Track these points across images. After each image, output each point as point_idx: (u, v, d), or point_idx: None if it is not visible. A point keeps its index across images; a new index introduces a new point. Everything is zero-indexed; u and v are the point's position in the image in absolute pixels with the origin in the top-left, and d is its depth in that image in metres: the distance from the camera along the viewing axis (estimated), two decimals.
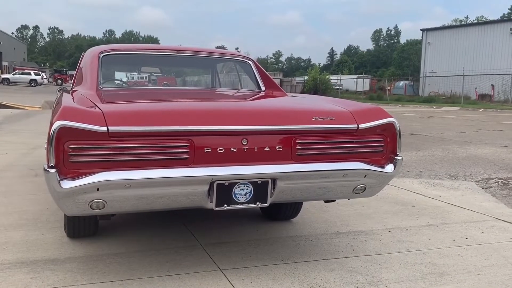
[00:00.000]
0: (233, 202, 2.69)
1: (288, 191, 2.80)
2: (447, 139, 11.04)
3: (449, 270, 3.17)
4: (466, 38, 39.74)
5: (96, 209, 2.50)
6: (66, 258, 3.20)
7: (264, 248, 3.49)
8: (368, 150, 2.94)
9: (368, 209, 4.64)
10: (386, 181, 3.04)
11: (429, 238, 3.83)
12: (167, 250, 3.39)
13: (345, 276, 3.03)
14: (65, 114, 2.41)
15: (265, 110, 3.02)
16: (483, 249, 3.60)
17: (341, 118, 2.89)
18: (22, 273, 2.93)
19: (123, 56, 4.02)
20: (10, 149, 7.84)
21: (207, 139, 2.59)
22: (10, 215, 4.14)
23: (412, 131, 12.78)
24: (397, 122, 3.05)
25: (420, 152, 8.87)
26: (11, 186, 5.23)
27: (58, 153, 2.35)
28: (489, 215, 4.57)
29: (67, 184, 2.35)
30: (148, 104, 3.05)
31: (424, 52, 43.89)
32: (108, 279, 2.87)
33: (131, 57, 4.09)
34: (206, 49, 4.48)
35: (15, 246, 3.40)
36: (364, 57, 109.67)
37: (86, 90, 3.39)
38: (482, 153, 8.81)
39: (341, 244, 3.64)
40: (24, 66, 65.03)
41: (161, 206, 2.66)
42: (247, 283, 2.88)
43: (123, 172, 2.42)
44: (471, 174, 6.74)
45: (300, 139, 2.77)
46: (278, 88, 4.08)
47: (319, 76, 42.58)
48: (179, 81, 5.87)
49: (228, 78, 4.76)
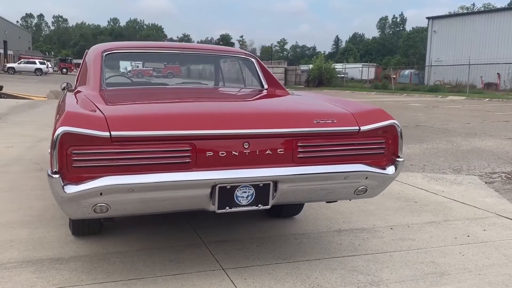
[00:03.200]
0: (235, 204, 2.72)
1: (289, 193, 2.83)
2: (452, 131, 11.01)
3: (450, 270, 3.20)
4: (472, 26, 39.40)
5: (100, 213, 2.53)
6: (71, 257, 3.24)
7: (267, 247, 3.52)
8: (370, 152, 2.95)
9: (371, 205, 4.66)
10: (388, 182, 3.05)
11: (431, 236, 3.85)
12: (170, 248, 3.43)
13: (346, 276, 3.06)
14: (68, 120, 2.43)
15: (267, 113, 3.03)
16: (485, 248, 3.62)
17: (343, 120, 2.90)
18: (28, 272, 2.98)
19: (126, 55, 4.03)
20: (15, 142, 7.90)
21: (209, 143, 2.61)
22: (16, 211, 4.19)
23: (416, 123, 12.75)
24: (399, 123, 3.05)
25: (424, 144, 8.86)
26: (16, 181, 5.28)
27: (61, 158, 2.37)
28: (491, 211, 4.59)
29: (71, 189, 2.38)
30: (150, 107, 3.06)
31: (429, 40, 43.56)
32: (112, 279, 2.92)
33: (134, 55, 4.10)
34: (209, 47, 4.49)
35: (21, 244, 3.45)
36: (370, 45, 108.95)
37: (89, 90, 3.41)
38: (486, 146, 8.80)
39: (343, 242, 3.67)
40: (29, 55, 65.03)
41: (163, 209, 2.70)
42: (249, 283, 2.92)
43: (126, 177, 2.45)
44: (474, 168, 6.74)
45: (302, 142, 2.78)
46: (280, 87, 4.09)
47: (324, 65, 42.35)
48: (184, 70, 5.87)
49: (231, 75, 4.77)
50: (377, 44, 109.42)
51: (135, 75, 5.77)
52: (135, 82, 4.44)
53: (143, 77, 6.18)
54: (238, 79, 4.52)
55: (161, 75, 6.11)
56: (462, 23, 40.67)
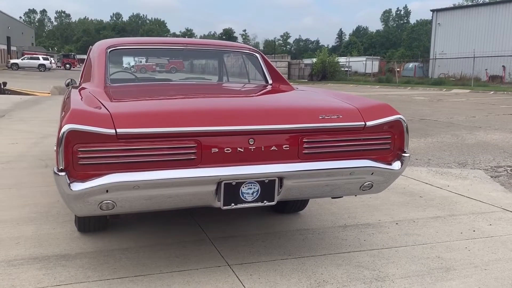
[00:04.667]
0: (240, 201, 2.72)
1: (295, 189, 2.82)
2: (457, 124, 10.97)
3: (456, 265, 3.19)
4: (477, 19, 39.13)
5: (106, 210, 2.54)
6: (77, 253, 3.25)
7: (272, 242, 3.52)
8: (375, 147, 2.94)
9: (376, 200, 4.65)
10: (393, 178, 3.04)
11: (436, 231, 3.84)
12: (176, 244, 3.44)
13: (352, 271, 3.06)
14: (74, 117, 2.43)
15: (272, 109, 3.02)
16: (491, 242, 3.61)
17: (348, 116, 2.89)
18: (34, 269, 2.99)
19: (130, 51, 4.03)
20: (20, 139, 7.92)
21: (214, 139, 2.61)
22: (22, 208, 4.21)
23: (421, 116, 12.71)
24: (405, 118, 3.04)
25: (429, 138, 8.83)
26: (22, 178, 5.30)
27: (67, 156, 2.38)
28: (497, 205, 4.57)
29: (77, 187, 2.38)
30: (155, 104, 3.06)
31: (434, 33, 43.30)
32: (118, 275, 2.93)
33: (138, 51, 4.09)
34: (213, 42, 4.47)
35: (27, 241, 3.46)
36: (373, 38, 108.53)
37: (93, 87, 3.41)
38: (491, 139, 8.76)
39: (348, 237, 3.67)
40: (32, 51, 65.16)
41: (169, 205, 2.70)
42: (255, 279, 2.92)
43: (131, 174, 2.45)
44: (480, 162, 6.71)
45: (307, 138, 2.77)
46: (285, 82, 4.07)
47: (327, 59, 42.23)
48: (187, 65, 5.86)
49: (235, 71, 4.75)
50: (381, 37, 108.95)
51: (138, 70, 5.78)
52: (139, 78, 4.43)
53: (146, 72, 6.18)
54: (242, 74, 4.51)
55: (165, 70, 6.10)
56: (467, 15, 40.39)
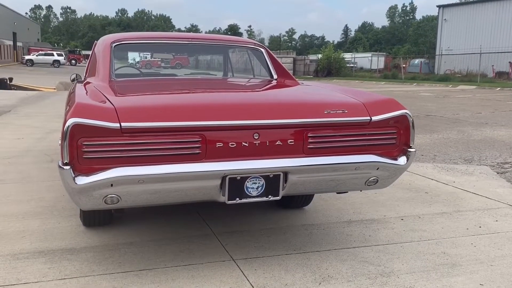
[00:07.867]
0: (245, 195, 2.71)
1: (300, 184, 2.81)
2: (463, 120, 10.91)
3: (461, 261, 3.17)
4: (483, 14, 38.80)
5: (111, 204, 2.54)
6: (82, 247, 3.26)
7: (277, 237, 3.52)
8: (381, 142, 2.92)
9: (381, 196, 4.63)
10: (399, 173, 3.03)
11: (442, 227, 3.82)
12: (181, 239, 3.44)
13: (357, 266, 3.05)
14: (79, 111, 2.43)
15: (277, 103, 3.01)
16: (497, 238, 3.59)
17: (354, 111, 2.87)
18: (39, 263, 3.00)
19: (135, 45, 4.02)
20: (25, 134, 7.95)
21: (219, 134, 2.60)
22: (27, 202, 4.22)
23: (427, 112, 12.65)
24: (411, 113, 3.02)
25: (434, 134, 8.79)
26: (28, 172, 5.32)
27: (72, 149, 2.38)
28: (503, 202, 4.54)
29: (82, 181, 2.39)
30: (160, 98, 3.05)
31: (440, 29, 43.01)
32: (123, 269, 2.93)
33: (143, 46, 4.08)
34: (218, 37, 4.45)
35: (32, 235, 3.47)
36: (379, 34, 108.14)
37: (98, 81, 3.41)
38: (498, 136, 8.70)
39: (354, 233, 3.66)
40: (38, 47, 65.33)
41: (174, 200, 2.69)
42: (259, 273, 2.92)
43: (136, 168, 2.45)
44: (486, 158, 6.67)
45: (312, 133, 2.76)
46: (290, 77, 4.05)
47: (333, 55, 42.09)
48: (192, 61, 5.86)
49: (240, 66, 4.74)
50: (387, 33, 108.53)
51: (143, 66, 5.78)
52: (144, 73, 4.43)
53: (152, 67, 6.18)
54: (247, 69, 4.50)
55: (170, 66, 6.10)
56: (473, 11, 40.07)
